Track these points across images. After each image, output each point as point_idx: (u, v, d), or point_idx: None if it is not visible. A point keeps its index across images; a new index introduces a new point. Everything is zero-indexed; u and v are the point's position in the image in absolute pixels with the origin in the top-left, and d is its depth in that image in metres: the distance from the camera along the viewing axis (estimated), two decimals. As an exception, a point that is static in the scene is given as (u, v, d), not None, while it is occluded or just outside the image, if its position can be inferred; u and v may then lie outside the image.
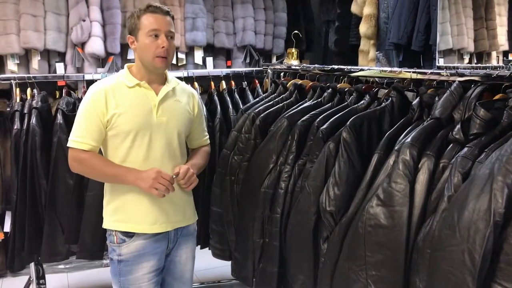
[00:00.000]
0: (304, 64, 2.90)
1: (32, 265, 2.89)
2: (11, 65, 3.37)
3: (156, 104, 1.86)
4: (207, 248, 2.65)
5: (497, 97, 1.52)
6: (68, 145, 1.84)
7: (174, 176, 1.82)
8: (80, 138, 1.81)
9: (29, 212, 2.67)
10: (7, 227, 2.99)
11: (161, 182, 1.75)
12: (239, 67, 3.97)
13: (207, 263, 2.75)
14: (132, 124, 1.81)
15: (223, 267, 2.89)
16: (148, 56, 1.82)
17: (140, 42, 1.82)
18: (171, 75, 2.00)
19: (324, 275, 1.69)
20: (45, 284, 3.01)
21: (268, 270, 2.03)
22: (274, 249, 1.98)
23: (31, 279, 2.96)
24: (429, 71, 1.84)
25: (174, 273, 2.00)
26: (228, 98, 2.94)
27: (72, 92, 3.03)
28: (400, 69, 1.98)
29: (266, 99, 2.48)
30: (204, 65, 4.00)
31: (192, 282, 2.10)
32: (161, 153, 1.86)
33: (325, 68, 2.44)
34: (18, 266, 2.80)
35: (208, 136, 2.16)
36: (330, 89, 2.17)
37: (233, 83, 3.10)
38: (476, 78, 1.60)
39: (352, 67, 2.29)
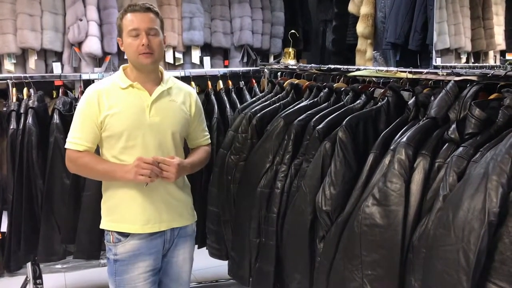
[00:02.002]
0: (301, 64, 2.90)
1: (28, 265, 2.89)
2: (8, 65, 3.37)
3: (149, 104, 1.86)
4: (204, 248, 2.65)
5: (492, 96, 1.52)
6: (65, 146, 1.87)
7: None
8: (75, 139, 1.83)
9: (26, 212, 2.66)
10: (3, 227, 2.98)
11: (144, 167, 1.74)
12: (237, 67, 3.97)
13: (204, 262, 2.75)
14: (125, 125, 1.82)
15: (220, 267, 2.89)
16: (132, 55, 1.83)
17: (124, 42, 1.84)
18: (169, 75, 2.00)
19: (320, 275, 1.69)
20: (42, 284, 3.01)
21: (264, 269, 2.03)
22: (271, 249, 1.98)
23: (28, 279, 2.96)
24: (425, 70, 1.84)
25: (171, 274, 2.00)
26: (225, 98, 2.94)
27: (69, 91, 3.02)
28: (396, 69, 1.99)
29: (263, 99, 2.48)
30: (201, 64, 3.99)
31: (190, 284, 2.10)
32: (155, 153, 1.85)
33: (321, 68, 2.44)
34: (14, 266, 2.80)
35: (208, 136, 2.14)
36: (327, 88, 2.17)
37: (230, 82, 3.10)
38: (472, 78, 1.60)
39: (349, 66, 2.30)
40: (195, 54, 3.95)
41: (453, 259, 1.16)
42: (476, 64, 3.37)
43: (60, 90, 2.93)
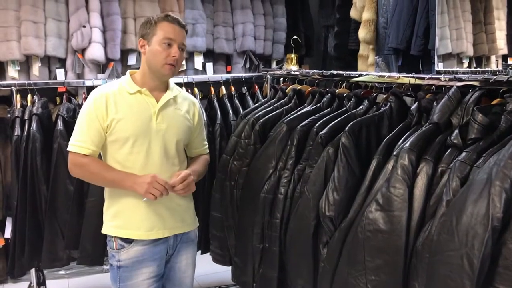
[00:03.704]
0: (303, 69, 2.91)
1: (32, 271, 2.89)
2: (12, 72, 3.38)
3: (156, 111, 1.87)
4: (208, 253, 2.65)
5: (495, 102, 1.53)
6: (68, 149, 1.86)
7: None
8: (80, 142, 1.82)
9: (30, 218, 2.67)
10: (7, 233, 2.99)
11: (156, 187, 1.76)
12: (239, 73, 3.98)
13: (207, 268, 2.75)
14: (131, 130, 1.82)
15: (223, 272, 2.89)
16: (158, 62, 1.84)
17: (152, 47, 1.84)
18: (173, 83, 2.02)
19: (323, 280, 1.69)
20: (45, 290, 3.01)
21: (268, 275, 2.03)
22: (274, 254, 1.98)
23: (32, 285, 2.96)
24: (428, 76, 1.85)
25: (174, 280, 2.00)
26: (228, 104, 2.96)
27: (72, 98, 3.04)
28: (398, 74, 1.99)
29: (266, 105, 2.49)
30: (204, 70, 4.01)
31: (192, 289, 2.10)
32: (160, 160, 1.87)
33: (324, 73, 2.45)
34: (18, 272, 2.80)
35: (207, 146, 2.16)
36: (329, 94, 2.18)
37: (233, 88, 3.11)
38: (475, 83, 1.60)
39: (351, 72, 2.30)
40: (198, 60, 3.97)
41: (457, 264, 1.16)
42: (478, 69, 3.37)
43: (64, 97, 2.94)
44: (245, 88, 3.17)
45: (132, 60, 3.72)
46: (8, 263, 2.85)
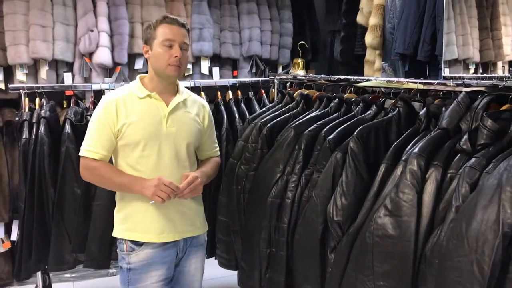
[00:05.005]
0: (310, 74, 2.92)
1: (38, 274, 2.90)
2: (20, 75, 3.40)
3: (166, 115, 1.89)
4: (214, 258, 2.65)
5: (504, 107, 1.53)
6: (79, 153, 1.88)
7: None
8: (91, 147, 1.84)
9: (37, 221, 2.68)
10: (14, 236, 3.00)
11: (163, 190, 1.77)
12: (245, 77, 3.99)
13: (213, 272, 2.74)
14: (142, 134, 1.84)
15: (229, 277, 2.89)
16: (161, 65, 1.85)
17: (154, 51, 1.87)
18: (183, 86, 2.03)
19: (331, 285, 1.69)
20: (51, 293, 3.02)
21: (275, 279, 2.03)
22: (281, 259, 1.98)
23: (38, 288, 2.97)
24: (436, 81, 1.85)
25: (183, 283, 2.00)
26: (234, 108, 2.96)
27: (79, 101, 3.05)
28: (406, 80, 1.99)
29: (273, 109, 2.49)
30: (210, 75, 4.02)
31: (200, 292, 2.11)
32: (170, 163, 1.88)
33: (331, 78, 2.45)
34: (24, 275, 2.81)
35: (218, 148, 2.18)
36: (337, 99, 2.18)
37: (239, 93, 3.12)
38: (483, 89, 1.60)
39: (358, 77, 2.30)
40: (205, 65, 3.98)
41: (467, 270, 1.16)
42: (485, 75, 3.36)
43: (72, 100, 2.96)
44: (252, 92, 3.17)
45: (139, 64, 3.74)
46: (14, 266, 2.86)
